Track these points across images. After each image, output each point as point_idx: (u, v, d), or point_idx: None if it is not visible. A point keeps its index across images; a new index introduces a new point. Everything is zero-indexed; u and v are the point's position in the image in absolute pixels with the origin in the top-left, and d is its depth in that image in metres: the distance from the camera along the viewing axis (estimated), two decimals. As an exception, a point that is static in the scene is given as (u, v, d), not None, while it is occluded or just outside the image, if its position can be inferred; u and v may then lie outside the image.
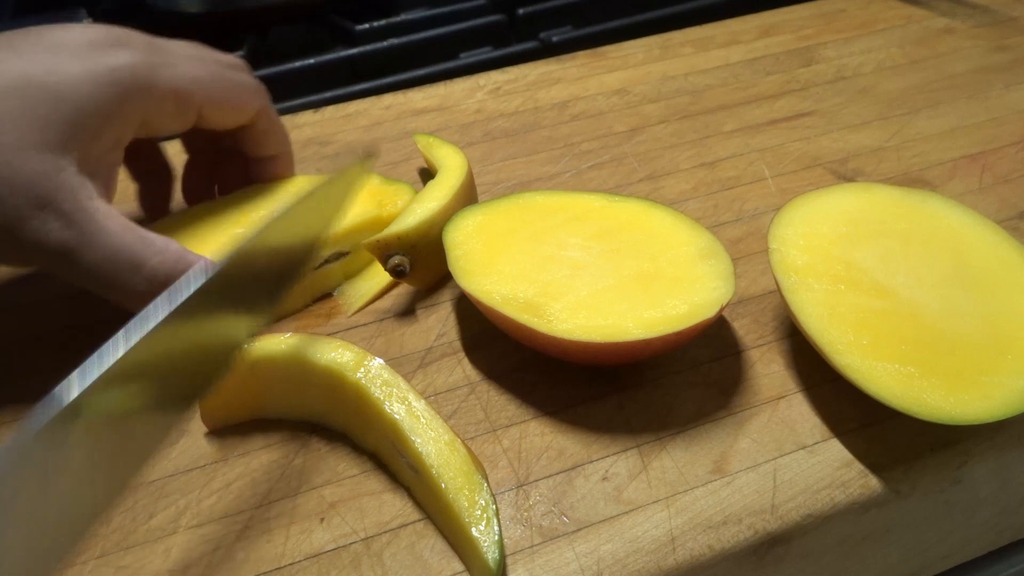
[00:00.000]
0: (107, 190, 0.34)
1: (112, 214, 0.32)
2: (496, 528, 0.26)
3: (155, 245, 0.32)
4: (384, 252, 0.36)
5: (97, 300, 0.32)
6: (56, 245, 0.31)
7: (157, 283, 0.31)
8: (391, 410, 0.29)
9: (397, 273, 0.36)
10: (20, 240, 0.31)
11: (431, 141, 0.45)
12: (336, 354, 0.30)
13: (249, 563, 0.27)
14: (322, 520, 0.28)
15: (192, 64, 0.36)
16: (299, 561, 0.27)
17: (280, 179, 0.42)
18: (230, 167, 0.42)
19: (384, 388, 0.29)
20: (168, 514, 0.29)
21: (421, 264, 0.36)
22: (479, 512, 0.26)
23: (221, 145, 0.42)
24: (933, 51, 0.56)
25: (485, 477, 0.27)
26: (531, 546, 0.27)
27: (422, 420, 0.28)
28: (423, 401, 0.29)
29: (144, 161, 0.41)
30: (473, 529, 0.26)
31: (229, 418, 0.32)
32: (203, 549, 0.28)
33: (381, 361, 0.30)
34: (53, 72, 0.32)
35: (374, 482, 0.30)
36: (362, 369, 0.30)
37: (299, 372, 0.31)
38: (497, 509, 0.27)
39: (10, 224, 0.30)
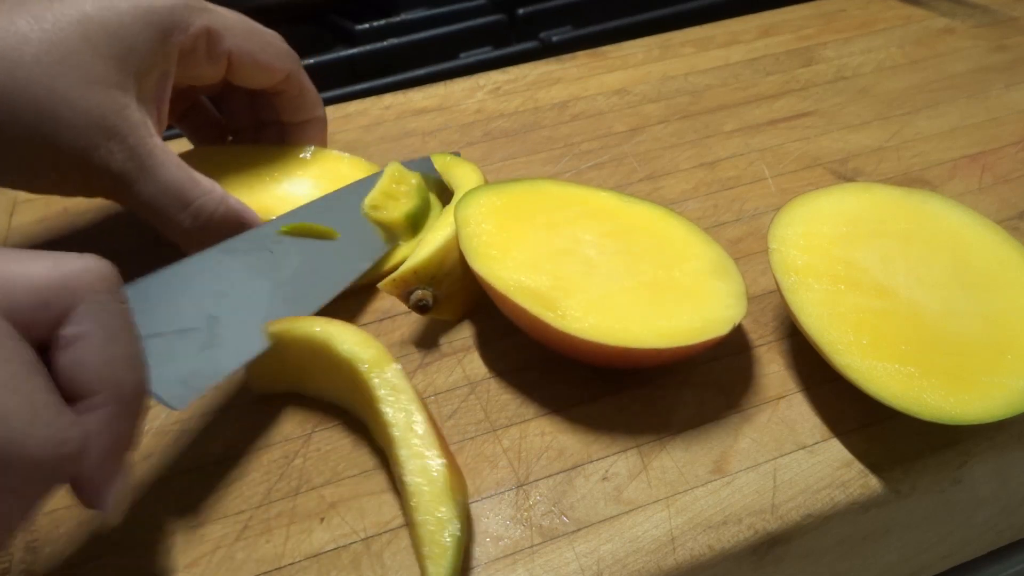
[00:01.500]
0: (158, 126, 0.37)
1: (168, 151, 0.35)
2: (449, 564, 0.25)
3: (202, 185, 0.35)
4: (403, 290, 0.34)
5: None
6: (119, 173, 0.34)
7: (200, 220, 0.35)
8: (391, 418, 0.28)
9: (420, 309, 0.34)
10: (89, 166, 0.34)
11: (448, 160, 0.44)
12: (359, 348, 0.30)
13: (249, 563, 0.27)
14: (322, 520, 0.28)
15: (228, 16, 0.38)
16: (299, 561, 0.27)
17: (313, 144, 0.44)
18: (270, 139, 0.45)
19: (392, 394, 0.29)
20: (168, 514, 0.29)
21: (447, 294, 0.35)
22: (444, 542, 0.25)
23: (261, 118, 0.44)
24: (933, 51, 0.56)
25: (464, 504, 0.27)
26: (531, 546, 0.27)
27: (416, 434, 0.28)
28: (424, 415, 0.28)
29: (199, 124, 0.45)
30: (428, 562, 0.25)
31: (272, 387, 0.33)
32: (203, 549, 0.28)
33: (398, 367, 0.30)
34: (107, 9, 0.34)
35: (374, 482, 0.30)
36: (377, 369, 0.30)
37: (327, 358, 0.31)
38: (462, 539, 0.26)
39: (82, 151, 0.33)
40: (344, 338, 0.31)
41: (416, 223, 0.40)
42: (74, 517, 0.29)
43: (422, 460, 0.27)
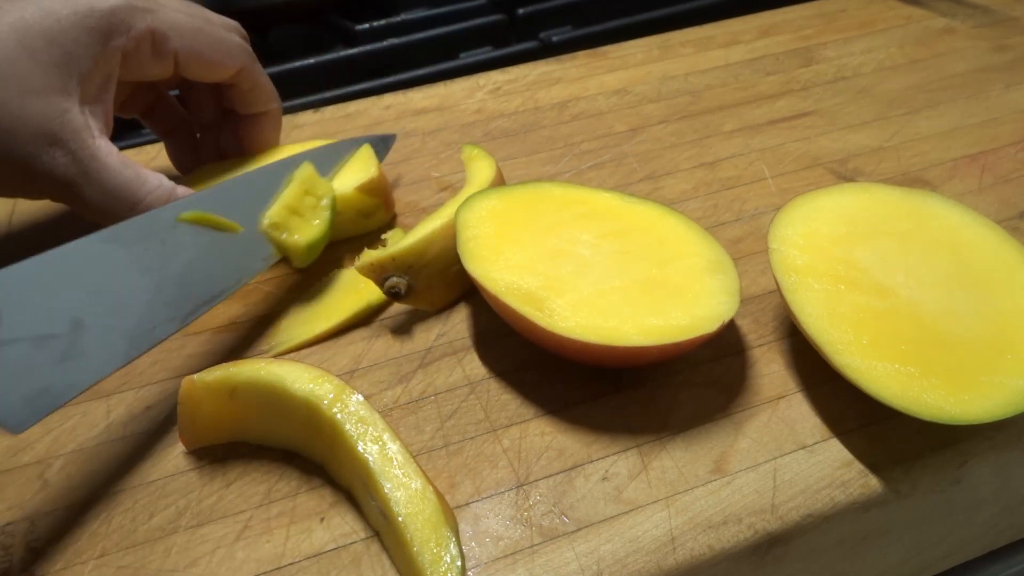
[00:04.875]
0: (105, 127, 0.36)
1: (113, 151, 0.35)
2: None
3: (150, 182, 0.35)
4: (379, 275, 0.35)
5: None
6: (63, 178, 0.34)
7: None
8: (364, 450, 0.27)
9: (392, 295, 0.35)
10: (33, 173, 0.34)
11: (473, 153, 0.43)
12: (315, 385, 0.29)
13: (249, 563, 0.27)
14: (322, 520, 0.28)
15: (174, 13, 0.38)
16: (299, 561, 0.27)
17: (268, 142, 0.44)
18: (228, 132, 0.44)
19: (359, 426, 0.28)
20: (168, 514, 0.29)
21: (424, 285, 0.36)
22: (443, 569, 0.25)
23: (223, 109, 0.44)
24: (933, 51, 0.56)
25: (455, 530, 0.26)
26: (531, 546, 0.27)
27: (395, 464, 0.27)
28: (399, 443, 0.28)
29: (164, 119, 0.44)
30: None
31: (208, 440, 0.31)
32: (203, 549, 0.28)
33: (360, 397, 0.29)
34: (45, 15, 0.34)
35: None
36: (339, 404, 0.29)
37: (278, 400, 0.30)
38: (463, 566, 0.25)
39: (24, 158, 0.34)
40: (296, 376, 0.29)
41: (315, 252, 0.37)
42: (74, 517, 0.29)
43: (408, 491, 0.26)
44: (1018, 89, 0.51)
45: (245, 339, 0.36)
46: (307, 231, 0.37)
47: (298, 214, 0.37)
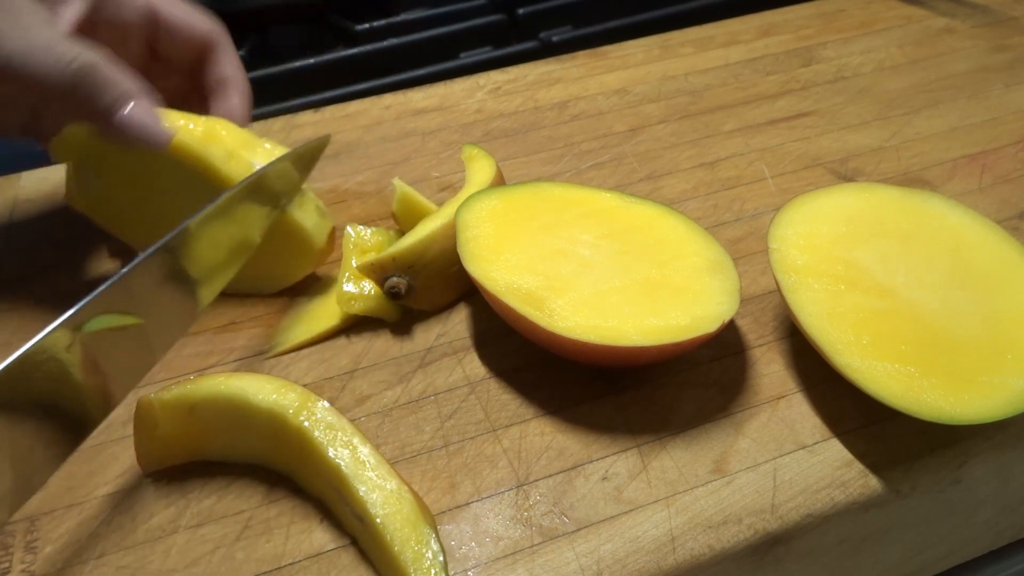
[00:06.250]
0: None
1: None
2: None
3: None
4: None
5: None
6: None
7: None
8: (335, 456, 0.27)
9: (393, 295, 0.35)
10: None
11: (473, 153, 0.43)
12: (279, 396, 0.29)
13: (249, 563, 0.27)
14: (322, 520, 0.28)
15: None
16: (299, 561, 0.27)
17: (237, 114, 0.41)
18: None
19: (328, 432, 0.28)
20: (168, 514, 0.29)
21: (424, 285, 0.36)
22: (426, 565, 0.25)
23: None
24: (933, 51, 0.56)
25: (434, 527, 0.26)
26: (531, 546, 0.27)
27: (367, 466, 0.27)
28: (369, 446, 0.28)
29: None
30: None
31: (166, 461, 0.30)
32: (203, 549, 0.28)
33: (326, 404, 0.29)
34: None
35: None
36: (305, 412, 0.28)
37: (241, 414, 0.29)
38: (445, 561, 0.25)
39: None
40: (259, 388, 0.29)
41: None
42: (74, 517, 0.29)
43: (384, 492, 0.26)
44: (1018, 89, 0.51)
45: (245, 339, 0.36)
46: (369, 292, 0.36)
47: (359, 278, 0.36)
